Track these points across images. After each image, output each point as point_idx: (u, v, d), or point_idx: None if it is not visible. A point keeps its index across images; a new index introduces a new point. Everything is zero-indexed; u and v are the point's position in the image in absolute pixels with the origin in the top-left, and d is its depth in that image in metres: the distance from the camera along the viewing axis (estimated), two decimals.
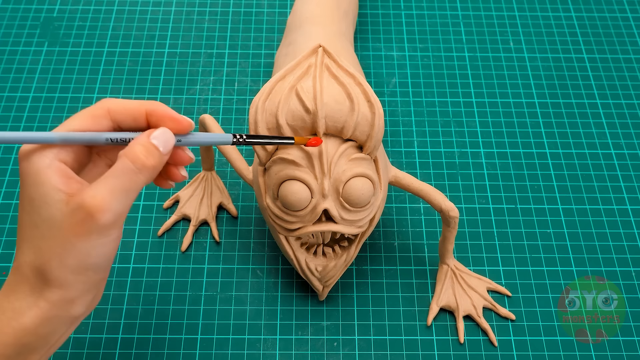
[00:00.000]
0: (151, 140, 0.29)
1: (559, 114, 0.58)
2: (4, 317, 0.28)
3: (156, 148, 0.29)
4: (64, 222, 0.27)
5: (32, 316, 0.28)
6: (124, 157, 0.28)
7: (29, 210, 0.28)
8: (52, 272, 0.28)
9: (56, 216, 0.27)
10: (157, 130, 0.29)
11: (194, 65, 0.62)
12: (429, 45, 0.64)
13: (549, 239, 0.51)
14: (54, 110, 0.58)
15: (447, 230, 0.45)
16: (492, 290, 0.48)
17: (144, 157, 0.28)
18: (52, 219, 0.27)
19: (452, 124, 0.57)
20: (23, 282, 0.28)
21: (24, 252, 0.28)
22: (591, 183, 0.54)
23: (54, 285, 0.28)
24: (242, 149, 0.56)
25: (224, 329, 0.46)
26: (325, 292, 0.45)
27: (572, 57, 0.63)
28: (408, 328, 0.46)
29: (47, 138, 0.28)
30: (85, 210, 0.27)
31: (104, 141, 0.29)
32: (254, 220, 0.51)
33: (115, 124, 0.30)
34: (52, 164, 0.28)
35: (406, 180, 0.45)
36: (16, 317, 0.28)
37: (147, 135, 0.29)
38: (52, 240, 0.27)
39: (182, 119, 0.30)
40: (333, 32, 0.51)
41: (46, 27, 0.64)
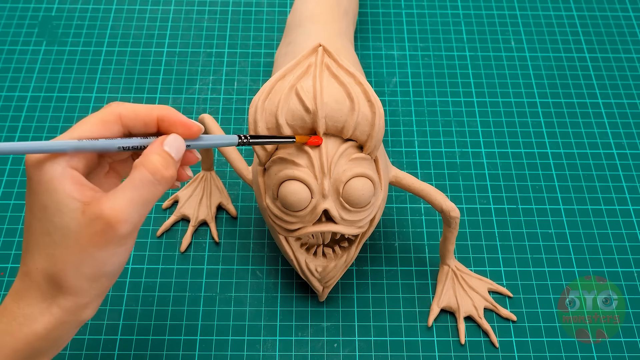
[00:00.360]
0: (165, 148, 0.29)
1: (561, 114, 0.58)
2: (15, 323, 0.29)
3: (172, 157, 0.29)
4: (81, 232, 0.27)
5: (44, 322, 0.29)
6: (141, 168, 0.28)
7: (40, 218, 0.28)
8: (68, 280, 0.28)
9: (71, 225, 0.27)
10: (169, 138, 0.29)
11: (193, 64, 0.62)
12: (429, 44, 0.64)
13: (551, 240, 0.51)
14: (52, 110, 0.58)
15: (448, 231, 0.45)
16: (493, 291, 0.48)
17: (163, 168, 0.28)
18: (66, 227, 0.27)
19: (453, 124, 0.58)
20: (33, 288, 0.29)
21: (35, 258, 0.28)
22: (593, 183, 0.54)
23: (68, 293, 0.29)
24: (242, 149, 0.56)
25: (224, 330, 0.46)
26: (325, 293, 0.46)
27: (573, 55, 0.63)
28: (409, 329, 0.46)
29: (59, 147, 0.28)
30: (105, 221, 0.27)
31: (116, 149, 0.29)
32: (253, 221, 0.52)
33: (126, 129, 0.30)
34: (64, 172, 0.28)
35: (407, 181, 0.45)
36: (27, 324, 0.29)
37: (160, 143, 0.29)
38: (68, 248, 0.28)
39: (192, 124, 0.30)
40: (333, 31, 0.51)
41: (44, 26, 0.64)
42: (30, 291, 0.29)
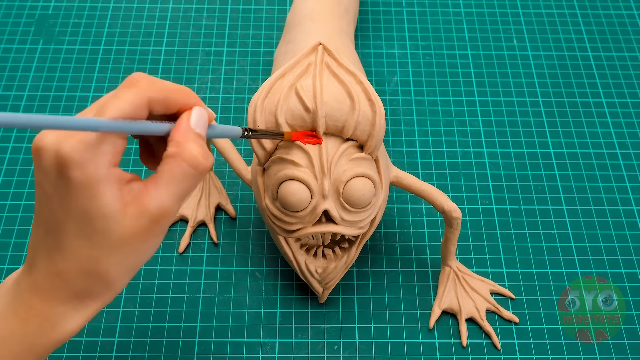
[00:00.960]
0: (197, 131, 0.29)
1: (564, 113, 0.58)
2: (48, 324, 0.29)
3: (204, 138, 0.29)
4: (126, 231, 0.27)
5: (79, 319, 0.29)
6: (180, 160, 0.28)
7: (78, 221, 0.27)
8: (111, 277, 0.28)
9: (115, 228, 0.27)
10: (195, 115, 0.29)
11: (192, 63, 0.62)
12: (431, 43, 0.64)
13: (553, 240, 0.51)
14: (49, 109, 0.58)
15: (449, 232, 0.45)
16: (495, 293, 0.48)
17: (204, 158, 0.28)
18: (108, 230, 0.27)
19: (454, 123, 0.57)
20: (66, 288, 0.28)
21: (68, 259, 0.28)
22: (596, 183, 0.54)
23: (109, 289, 0.29)
24: (241, 148, 0.56)
25: (222, 332, 0.46)
26: (326, 294, 0.45)
27: (576, 55, 0.63)
28: (410, 331, 0.46)
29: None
30: (151, 218, 0.28)
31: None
32: (252, 221, 0.51)
33: (150, 112, 0.29)
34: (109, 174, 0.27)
35: (408, 181, 0.45)
36: (62, 323, 0.29)
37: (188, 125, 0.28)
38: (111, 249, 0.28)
39: (208, 110, 0.31)
40: (333, 29, 0.51)
41: (41, 25, 0.64)
42: (62, 291, 0.29)
